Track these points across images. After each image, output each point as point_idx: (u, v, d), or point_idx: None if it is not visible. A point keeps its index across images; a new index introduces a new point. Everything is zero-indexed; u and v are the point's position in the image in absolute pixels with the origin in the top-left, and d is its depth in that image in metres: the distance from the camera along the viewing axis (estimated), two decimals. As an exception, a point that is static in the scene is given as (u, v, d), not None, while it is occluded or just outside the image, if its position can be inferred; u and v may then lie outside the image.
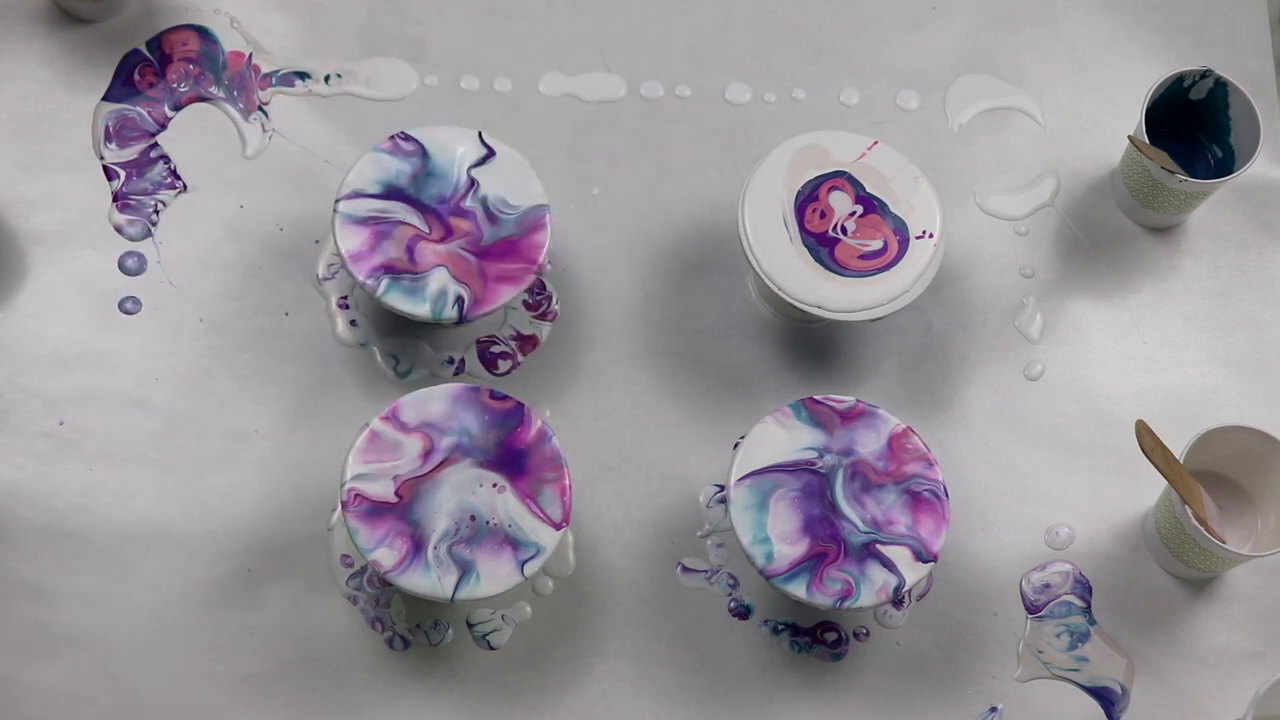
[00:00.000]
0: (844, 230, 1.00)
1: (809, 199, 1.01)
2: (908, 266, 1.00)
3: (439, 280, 0.97)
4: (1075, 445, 1.05)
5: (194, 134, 1.06)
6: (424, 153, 0.99)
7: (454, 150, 1.00)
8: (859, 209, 1.01)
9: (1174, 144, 1.08)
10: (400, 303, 0.96)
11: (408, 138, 0.99)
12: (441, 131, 1.00)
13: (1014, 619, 1.01)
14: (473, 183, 0.99)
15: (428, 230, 0.97)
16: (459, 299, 0.96)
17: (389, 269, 0.97)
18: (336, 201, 0.98)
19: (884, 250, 1.00)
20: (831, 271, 0.99)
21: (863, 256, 1.00)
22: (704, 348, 1.05)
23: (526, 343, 1.04)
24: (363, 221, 0.97)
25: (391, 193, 0.98)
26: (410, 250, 0.97)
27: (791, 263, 0.99)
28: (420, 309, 0.96)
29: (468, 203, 0.98)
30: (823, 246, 1.00)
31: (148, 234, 1.04)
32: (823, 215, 1.00)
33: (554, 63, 1.11)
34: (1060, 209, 1.11)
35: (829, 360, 1.06)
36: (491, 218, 0.98)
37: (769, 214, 1.00)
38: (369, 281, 0.96)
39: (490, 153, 1.00)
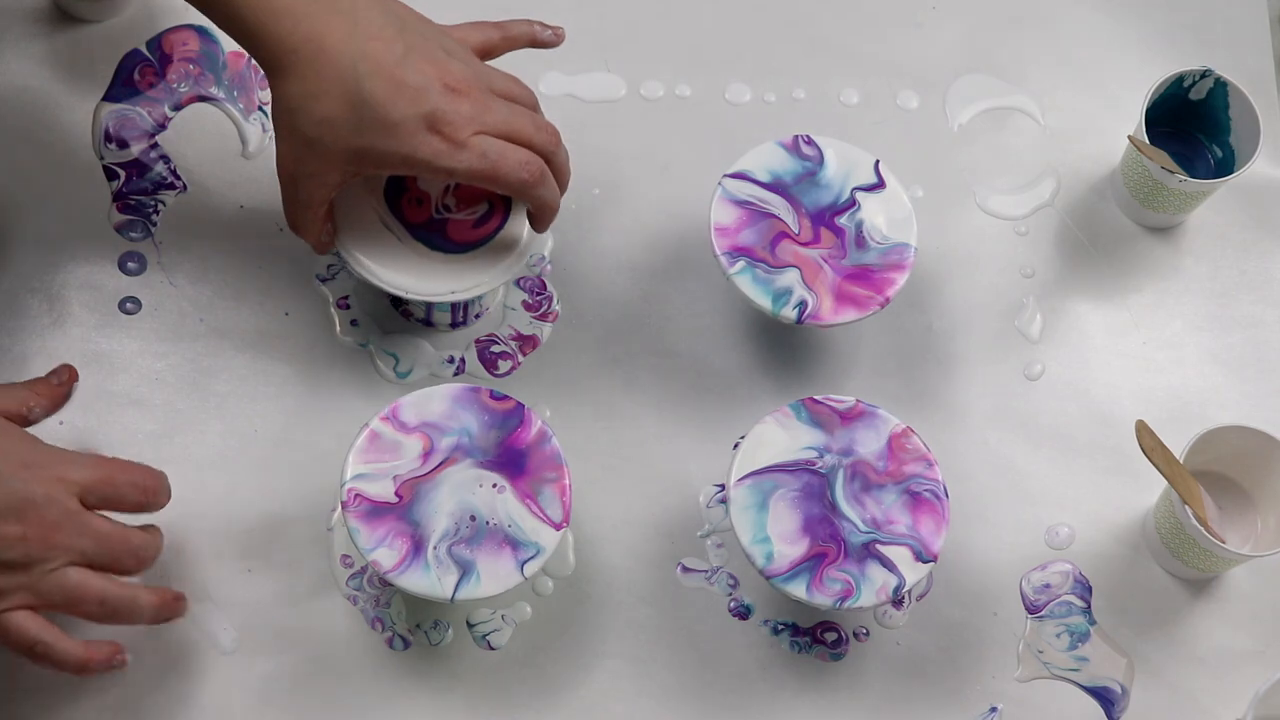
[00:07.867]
0: (446, 209, 0.98)
1: (399, 191, 0.98)
2: (518, 217, 0.98)
3: (790, 279, 0.98)
4: (1075, 445, 1.05)
5: (194, 134, 1.06)
6: (821, 159, 1.02)
7: (848, 167, 1.01)
8: (449, 181, 0.98)
9: (1174, 144, 1.08)
10: (748, 288, 0.98)
11: (810, 141, 1.02)
12: (846, 148, 1.02)
13: (1014, 619, 1.01)
14: (854, 203, 1.00)
15: (797, 232, 0.99)
16: (802, 303, 0.98)
17: (748, 254, 0.99)
18: (723, 176, 1.00)
19: (492, 210, 0.98)
20: (451, 254, 0.97)
21: (476, 225, 0.98)
22: (704, 348, 1.05)
23: (526, 343, 1.04)
24: (740, 203, 1.00)
25: (777, 185, 1.00)
26: (773, 244, 0.99)
27: (408, 260, 0.97)
28: (763, 300, 0.98)
29: (843, 220, 1.00)
30: (433, 232, 0.98)
31: (148, 234, 1.04)
32: (419, 202, 0.98)
33: (554, 63, 1.11)
34: (1060, 209, 1.11)
35: (829, 360, 1.06)
36: (860, 242, 1.00)
37: (366, 225, 0.97)
38: (724, 257, 0.98)
39: (880, 183, 1.01)
